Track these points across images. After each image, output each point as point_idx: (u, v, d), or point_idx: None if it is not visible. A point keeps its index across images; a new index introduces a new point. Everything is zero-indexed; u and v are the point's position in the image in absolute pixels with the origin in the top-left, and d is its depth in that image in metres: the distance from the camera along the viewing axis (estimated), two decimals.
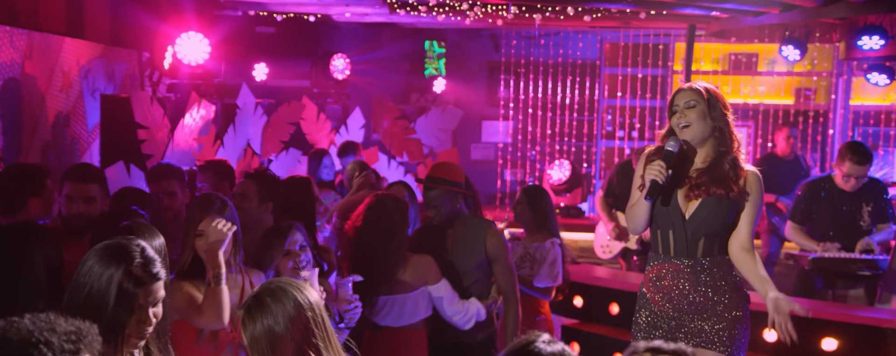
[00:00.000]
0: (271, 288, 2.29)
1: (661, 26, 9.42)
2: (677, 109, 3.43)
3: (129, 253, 2.18)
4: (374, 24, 10.35)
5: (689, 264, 3.46)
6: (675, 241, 3.47)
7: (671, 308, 3.49)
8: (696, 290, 3.46)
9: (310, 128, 9.12)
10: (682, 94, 3.45)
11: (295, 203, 4.60)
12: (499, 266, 4.07)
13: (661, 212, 3.50)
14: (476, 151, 11.01)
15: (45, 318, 1.67)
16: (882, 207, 5.67)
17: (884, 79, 8.09)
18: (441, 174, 4.06)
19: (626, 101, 10.67)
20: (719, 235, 3.44)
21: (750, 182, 3.43)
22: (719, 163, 3.40)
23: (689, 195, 3.43)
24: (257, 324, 2.23)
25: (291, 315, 2.23)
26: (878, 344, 4.39)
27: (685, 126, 3.38)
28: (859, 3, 6.60)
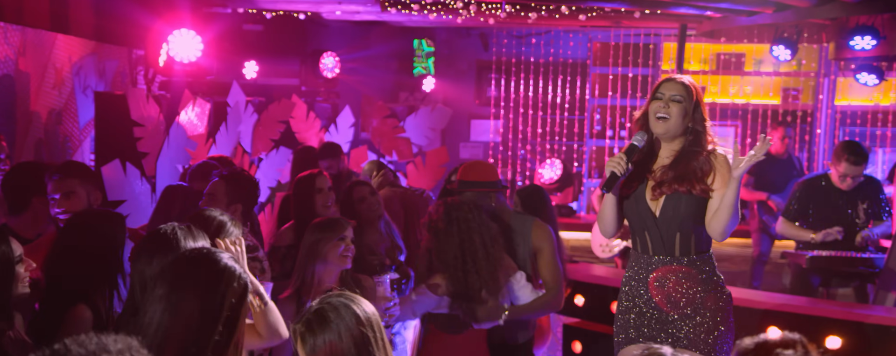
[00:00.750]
0: (332, 303, 2.28)
1: (652, 26, 9.46)
2: (661, 98, 3.36)
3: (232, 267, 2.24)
4: (362, 22, 10.30)
5: (668, 262, 3.40)
6: (651, 241, 3.43)
7: (672, 309, 3.44)
8: (677, 291, 3.40)
9: (299, 126, 9.06)
10: (671, 85, 3.38)
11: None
12: (543, 256, 4.07)
13: (633, 213, 3.47)
14: (465, 150, 11.00)
15: (91, 341, 1.61)
16: (878, 206, 5.72)
17: (873, 79, 8.17)
18: (473, 177, 4.08)
19: (615, 101, 10.70)
20: (694, 231, 3.38)
21: (718, 167, 3.35)
22: (685, 160, 3.36)
23: (654, 193, 3.40)
24: (318, 339, 2.22)
25: (352, 330, 2.23)
26: (883, 343, 4.42)
27: (663, 117, 3.33)
28: (853, 3, 6.65)
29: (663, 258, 3.42)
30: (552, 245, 4.08)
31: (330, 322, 2.23)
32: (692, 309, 3.39)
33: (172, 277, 2.21)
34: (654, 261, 3.43)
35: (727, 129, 10.72)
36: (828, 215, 5.68)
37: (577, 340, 5.21)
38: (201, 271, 2.22)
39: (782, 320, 4.63)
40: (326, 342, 2.21)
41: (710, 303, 3.40)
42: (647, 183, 3.41)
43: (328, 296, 2.33)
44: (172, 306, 2.17)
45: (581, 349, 5.17)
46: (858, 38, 7.10)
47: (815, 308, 4.73)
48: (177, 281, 2.20)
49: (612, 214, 3.47)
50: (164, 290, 2.19)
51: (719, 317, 3.41)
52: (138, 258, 2.65)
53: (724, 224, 3.30)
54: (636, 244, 3.51)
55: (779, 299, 5.06)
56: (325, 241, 3.52)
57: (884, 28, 7.17)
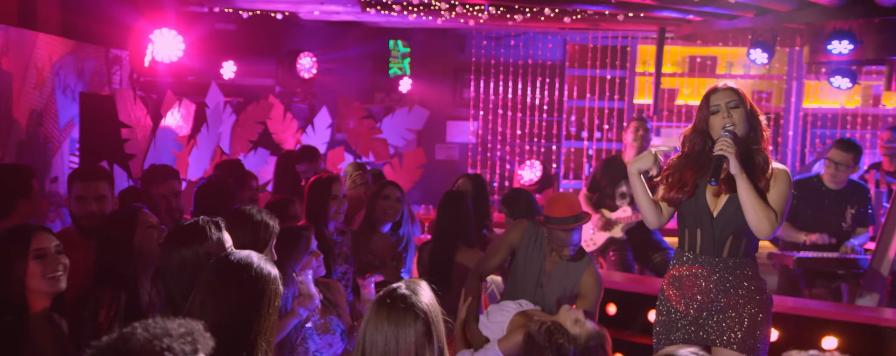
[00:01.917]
0: (403, 296, 2.34)
1: (631, 29, 9.54)
2: (718, 109, 3.48)
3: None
4: (337, 22, 10.23)
5: (712, 264, 3.51)
6: (702, 240, 3.52)
7: (690, 308, 3.53)
8: (718, 290, 3.51)
9: (276, 127, 8.98)
10: (723, 94, 3.51)
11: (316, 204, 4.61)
12: (584, 303, 4.09)
13: (689, 210, 3.56)
14: (440, 151, 10.98)
15: (156, 325, 1.64)
16: (863, 212, 5.86)
17: (846, 82, 8.33)
18: (556, 213, 4.04)
19: (592, 103, 10.77)
20: (747, 234, 3.48)
21: (777, 176, 3.48)
22: (749, 157, 3.47)
23: (718, 192, 3.49)
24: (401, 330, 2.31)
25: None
26: (879, 343, 4.51)
27: (732, 126, 3.44)
28: (832, 7, 6.77)
29: (708, 259, 3.49)
30: (598, 294, 4.17)
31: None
32: (731, 307, 3.48)
33: (215, 279, 2.29)
34: (700, 260, 3.51)
35: None
36: (817, 215, 5.81)
37: None
38: (242, 274, 2.29)
39: (780, 321, 4.70)
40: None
41: (750, 305, 3.49)
42: (708, 182, 3.46)
43: (393, 289, 2.40)
44: (214, 307, 2.25)
45: None
46: (836, 42, 7.22)
47: (813, 309, 4.81)
48: (219, 282, 2.29)
49: (647, 206, 3.54)
50: (206, 291, 2.28)
51: (758, 320, 3.49)
52: (171, 249, 2.71)
53: (753, 222, 3.37)
54: (684, 243, 3.58)
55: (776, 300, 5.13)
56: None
57: (859, 33, 7.31)
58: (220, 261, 2.35)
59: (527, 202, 5.04)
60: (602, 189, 6.58)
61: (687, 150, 3.58)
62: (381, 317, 2.30)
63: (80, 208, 3.64)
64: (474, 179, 5.39)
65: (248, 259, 2.33)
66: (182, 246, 2.68)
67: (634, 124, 6.54)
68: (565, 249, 4.06)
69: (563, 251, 4.07)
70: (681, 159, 3.60)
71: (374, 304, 2.36)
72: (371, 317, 2.32)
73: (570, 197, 4.13)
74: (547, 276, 4.11)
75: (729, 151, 3.33)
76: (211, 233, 2.75)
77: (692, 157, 3.56)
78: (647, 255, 6.54)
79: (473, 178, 5.40)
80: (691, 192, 3.53)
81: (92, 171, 3.78)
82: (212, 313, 2.21)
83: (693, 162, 3.55)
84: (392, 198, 4.95)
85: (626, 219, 6.39)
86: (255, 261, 2.33)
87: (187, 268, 2.65)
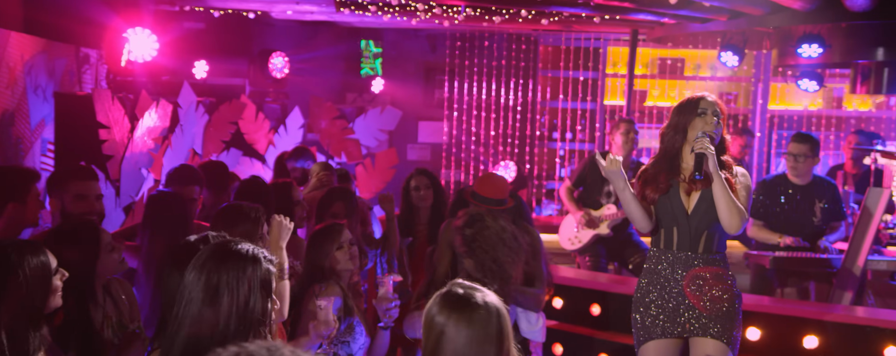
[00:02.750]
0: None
1: (603, 31, 9.62)
2: (705, 113, 3.71)
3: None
4: (308, 22, 10.17)
5: (689, 259, 3.69)
6: (679, 237, 3.72)
7: (667, 299, 3.69)
8: (694, 284, 3.72)
9: (248, 127, 8.89)
10: (710, 103, 3.76)
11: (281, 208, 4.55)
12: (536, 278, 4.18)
13: (665, 209, 3.75)
14: (412, 152, 10.97)
15: (269, 345, 1.66)
16: (834, 206, 5.98)
17: (813, 85, 8.51)
18: (481, 191, 4.27)
19: (564, 104, 10.85)
20: (718, 230, 3.69)
21: (740, 178, 3.77)
22: (719, 161, 3.72)
23: (690, 188, 3.70)
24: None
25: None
26: (858, 341, 4.61)
27: (711, 132, 3.69)
28: (804, 12, 6.90)
29: (685, 255, 3.67)
30: (541, 257, 4.25)
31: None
32: (708, 299, 3.68)
33: (207, 265, 2.27)
34: (677, 257, 3.68)
35: None
36: (787, 212, 5.93)
37: (558, 342, 5.27)
38: (231, 258, 2.28)
39: (762, 321, 4.78)
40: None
41: (727, 298, 3.69)
42: (679, 183, 3.71)
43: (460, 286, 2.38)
44: (209, 291, 2.23)
45: (562, 351, 5.23)
46: (806, 45, 7.36)
47: (794, 308, 4.90)
48: (212, 266, 2.27)
49: (637, 211, 3.71)
50: (198, 277, 2.26)
51: (734, 311, 3.71)
52: (174, 269, 2.62)
53: (725, 219, 3.63)
54: (659, 241, 3.75)
55: (753, 300, 5.22)
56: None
57: (828, 37, 7.46)
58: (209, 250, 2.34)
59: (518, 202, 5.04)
60: (587, 185, 6.61)
61: (665, 147, 3.79)
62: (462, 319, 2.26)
63: (78, 207, 3.61)
64: (429, 175, 5.41)
65: (228, 242, 2.37)
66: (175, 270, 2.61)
67: (624, 126, 6.57)
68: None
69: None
70: (656, 158, 3.80)
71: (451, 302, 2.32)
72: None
73: (501, 181, 4.34)
74: None
75: (710, 150, 3.59)
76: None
77: (669, 156, 3.77)
78: (624, 256, 6.60)
79: (428, 174, 5.42)
80: (665, 191, 3.71)
81: (88, 171, 3.76)
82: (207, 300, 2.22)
83: (668, 162, 3.77)
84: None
85: (612, 217, 6.44)
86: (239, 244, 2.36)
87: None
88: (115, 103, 5.68)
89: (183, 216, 3.82)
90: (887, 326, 4.59)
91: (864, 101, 11.07)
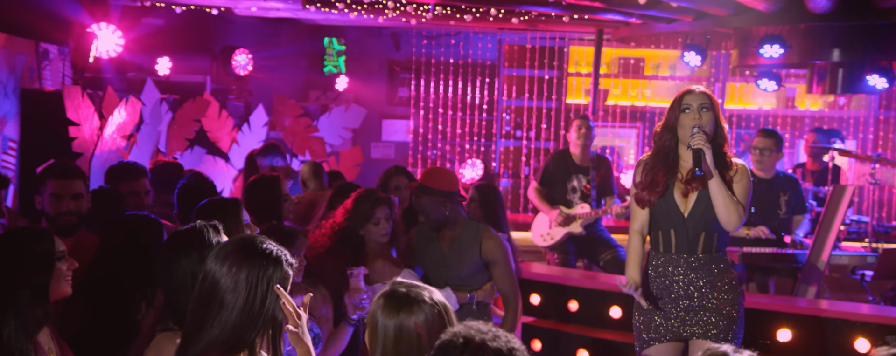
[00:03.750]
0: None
1: (568, 30, 9.70)
2: (690, 109, 3.65)
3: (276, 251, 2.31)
4: (270, 19, 10.07)
5: (689, 261, 3.64)
6: (676, 239, 3.66)
7: (668, 302, 3.66)
8: (694, 285, 3.64)
9: (211, 125, 8.79)
10: (695, 96, 3.68)
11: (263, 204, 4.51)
12: (497, 269, 4.15)
13: (660, 211, 3.69)
14: (376, 150, 10.95)
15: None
16: (798, 198, 6.13)
17: (772, 85, 8.70)
18: (430, 183, 4.15)
19: (531, 102, 10.93)
20: (717, 230, 3.65)
21: (740, 172, 3.71)
22: (716, 155, 3.65)
23: (686, 190, 3.64)
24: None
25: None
26: (829, 333, 4.73)
27: (701, 126, 3.62)
28: (767, 13, 7.05)
29: (684, 257, 3.60)
30: (505, 256, 4.20)
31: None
32: (708, 301, 3.63)
33: (233, 259, 2.27)
34: (676, 259, 3.64)
35: (627, 130, 11.15)
36: (754, 206, 6.06)
37: (536, 338, 5.31)
38: (255, 254, 2.28)
39: None
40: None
41: (730, 299, 3.66)
42: (675, 183, 3.64)
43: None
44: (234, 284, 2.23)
45: (541, 347, 5.27)
46: (768, 46, 7.52)
47: (766, 302, 5.00)
48: (236, 261, 2.26)
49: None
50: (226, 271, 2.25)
51: (737, 313, 3.68)
52: (175, 253, 2.63)
53: (723, 216, 3.58)
54: (658, 244, 3.69)
55: None
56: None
57: (788, 38, 7.63)
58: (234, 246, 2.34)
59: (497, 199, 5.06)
60: (554, 182, 6.68)
61: (657, 146, 3.76)
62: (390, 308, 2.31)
63: (55, 206, 3.52)
64: (408, 175, 5.35)
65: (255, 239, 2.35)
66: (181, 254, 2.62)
67: (577, 122, 6.67)
68: (420, 215, 4.22)
69: (420, 216, 4.23)
70: (651, 159, 3.74)
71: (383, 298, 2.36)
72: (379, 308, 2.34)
73: (441, 173, 4.27)
74: (444, 257, 4.19)
75: (705, 145, 3.54)
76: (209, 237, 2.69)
77: (662, 155, 3.73)
78: (595, 254, 6.67)
79: (407, 174, 5.36)
80: (663, 192, 3.66)
81: (67, 170, 3.66)
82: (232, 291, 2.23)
83: (663, 162, 3.72)
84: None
85: (586, 216, 6.51)
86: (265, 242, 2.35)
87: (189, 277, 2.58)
88: (85, 100, 5.56)
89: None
90: (857, 319, 4.72)
91: (816, 101, 11.36)
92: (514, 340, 1.94)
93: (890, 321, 4.57)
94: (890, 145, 11.01)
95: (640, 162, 3.83)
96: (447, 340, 1.92)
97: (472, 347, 1.88)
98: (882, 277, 6.38)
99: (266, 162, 6.93)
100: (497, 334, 1.93)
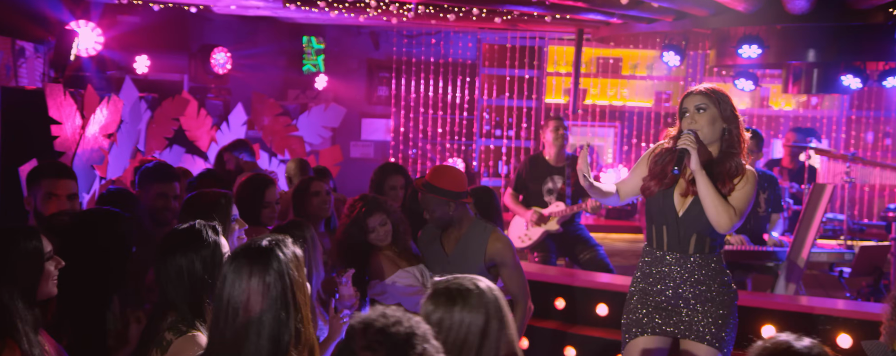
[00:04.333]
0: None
1: (548, 30, 9.74)
2: (686, 112, 3.59)
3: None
4: (248, 17, 10.01)
5: (682, 260, 3.64)
6: (668, 237, 3.64)
7: (661, 298, 3.64)
8: (686, 285, 3.63)
9: (190, 124, 8.71)
10: (693, 98, 3.60)
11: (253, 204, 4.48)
12: (505, 270, 4.11)
13: (656, 207, 3.67)
14: (355, 149, 10.92)
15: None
16: (775, 196, 6.22)
17: (750, 84, 8.81)
18: (436, 182, 4.10)
19: (511, 102, 10.96)
20: (711, 233, 3.60)
21: (745, 178, 3.58)
22: (721, 161, 3.57)
23: (685, 192, 3.60)
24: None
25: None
26: (813, 329, 4.80)
27: (695, 129, 3.53)
28: (746, 14, 7.14)
29: (675, 256, 3.60)
30: (514, 256, 4.17)
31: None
32: (700, 301, 3.60)
33: (244, 264, 2.30)
34: (667, 258, 3.62)
35: (606, 129, 11.23)
36: None
37: (524, 336, 5.33)
38: (268, 258, 2.31)
39: None
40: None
41: (721, 300, 3.62)
42: (679, 181, 3.59)
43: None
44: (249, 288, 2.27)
45: (528, 345, 5.30)
46: (746, 46, 7.61)
47: (750, 299, 5.07)
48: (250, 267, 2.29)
49: (598, 195, 3.69)
50: (240, 276, 2.28)
51: (728, 314, 3.63)
52: (173, 253, 2.63)
53: (713, 218, 3.50)
54: (652, 239, 3.68)
55: None
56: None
57: (765, 38, 7.73)
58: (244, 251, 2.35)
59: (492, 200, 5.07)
60: (528, 188, 6.71)
61: (671, 146, 3.69)
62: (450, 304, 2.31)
63: (48, 207, 3.49)
64: (405, 174, 5.32)
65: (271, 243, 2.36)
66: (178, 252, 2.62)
67: (553, 123, 6.70)
68: (425, 213, 4.19)
69: (426, 214, 4.19)
70: (667, 152, 3.69)
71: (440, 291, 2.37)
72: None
73: (447, 172, 4.19)
74: (449, 258, 4.17)
75: (690, 146, 3.47)
76: (207, 236, 2.68)
77: (673, 151, 3.66)
78: (575, 252, 6.70)
79: (404, 173, 5.34)
80: (669, 185, 3.63)
81: (61, 170, 3.62)
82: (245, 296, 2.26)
83: (674, 156, 3.64)
84: (322, 192, 4.82)
85: (560, 214, 6.54)
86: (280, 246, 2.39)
87: (185, 276, 2.59)
88: (68, 98, 5.49)
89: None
90: (838, 315, 4.80)
91: (789, 101, 11.52)
92: (418, 327, 1.94)
93: (874, 317, 4.65)
94: (861, 144, 11.20)
95: (655, 147, 3.76)
96: (351, 325, 1.95)
97: (371, 332, 1.90)
98: (860, 274, 6.49)
99: (233, 154, 6.87)
100: (400, 320, 1.93)
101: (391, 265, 4.07)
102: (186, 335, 2.48)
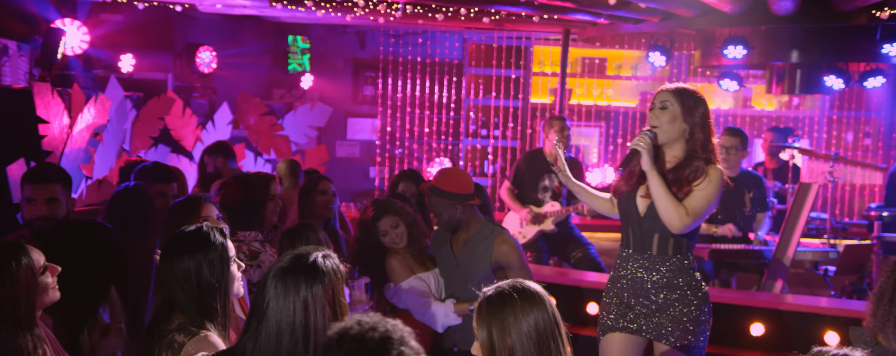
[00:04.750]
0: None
1: (534, 30, 9.77)
2: (652, 108, 3.57)
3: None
4: (233, 16, 9.97)
5: (645, 260, 3.58)
6: (633, 237, 3.62)
7: (630, 298, 3.62)
8: (650, 285, 3.57)
9: (175, 123, 8.67)
10: (660, 94, 3.57)
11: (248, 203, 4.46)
12: (512, 273, 4.09)
13: (624, 208, 3.67)
14: (341, 149, 10.91)
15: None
16: (761, 196, 6.27)
17: (734, 85, 8.88)
18: (441, 185, 4.09)
19: (498, 102, 10.99)
20: (673, 235, 3.52)
21: (707, 180, 3.50)
22: (680, 166, 3.52)
23: (646, 193, 3.55)
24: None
25: None
26: (800, 327, 4.86)
27: (655, 127, 3.51)
28: (732, 15, 7.20)
29: (640, 256, 3.59)
30: (521, 258, 4.16)
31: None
32: (665, 302, 3.54)
33: (284, 276, 2.36)
34: (633, 257, 3.60)
35: (592, 129, 11.27)
36: (722, 205, 6.18)
37: None
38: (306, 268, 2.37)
39: None
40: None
41: (686, 303, 3.55)
42: (643, 183, 3.58)
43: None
44: (287, 300, 2.34)
45: None
46: (732, 47, 7.67)
47: (739, 298, 5.12)
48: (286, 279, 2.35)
49: (587, 198, 3.75)
50: (280, 289, 2.34)
51: (693, 317, 3.56)
52: (176, 255, 2.63)
53: (664, 217, 3.46)
54: (622, 239, 3.70)
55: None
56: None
57: (750, 39, 7.80)
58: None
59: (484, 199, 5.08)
60: (526, 183, 6.73)
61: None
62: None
63: (29, 211, 3.43)
64: (415, 180, 5.32)
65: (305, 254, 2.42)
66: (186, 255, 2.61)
67: (558, 124, 6.70)
68: (434, 216, 4.21)
69: (434, 218, 4.21)
70: (632, 154, 3.69)
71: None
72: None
73: (454, 175, 4.18)
74: (458, 260, 4.17)
75: (641, 147, 3.44)
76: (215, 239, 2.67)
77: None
78: (566, 251, 6.73)
79: (415, 179, 5.34)
80: (634, 186, 3.62)
81: (45, 173, 3.54)
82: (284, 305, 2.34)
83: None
84: (328, 192, 4.84)
85: (556, 213, 6.56)
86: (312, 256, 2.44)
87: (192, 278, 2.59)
88: (55, 97, 5.46)
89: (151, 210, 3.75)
90: (826, 313, 4.86)
91: (772, 101, 11.62)
92: (394, 331, 1.94)
93: (858, 314, 4.71)
94: (841, 144, 11.32)
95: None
96: (329, 336, 1.96)
97: (347, 340, 1.91)
98: (844, 272, 6.56)
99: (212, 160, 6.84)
100: (375, 325, 1.94)
101: (405, 270, 4.07)
102: (199, 335, 2.48)
